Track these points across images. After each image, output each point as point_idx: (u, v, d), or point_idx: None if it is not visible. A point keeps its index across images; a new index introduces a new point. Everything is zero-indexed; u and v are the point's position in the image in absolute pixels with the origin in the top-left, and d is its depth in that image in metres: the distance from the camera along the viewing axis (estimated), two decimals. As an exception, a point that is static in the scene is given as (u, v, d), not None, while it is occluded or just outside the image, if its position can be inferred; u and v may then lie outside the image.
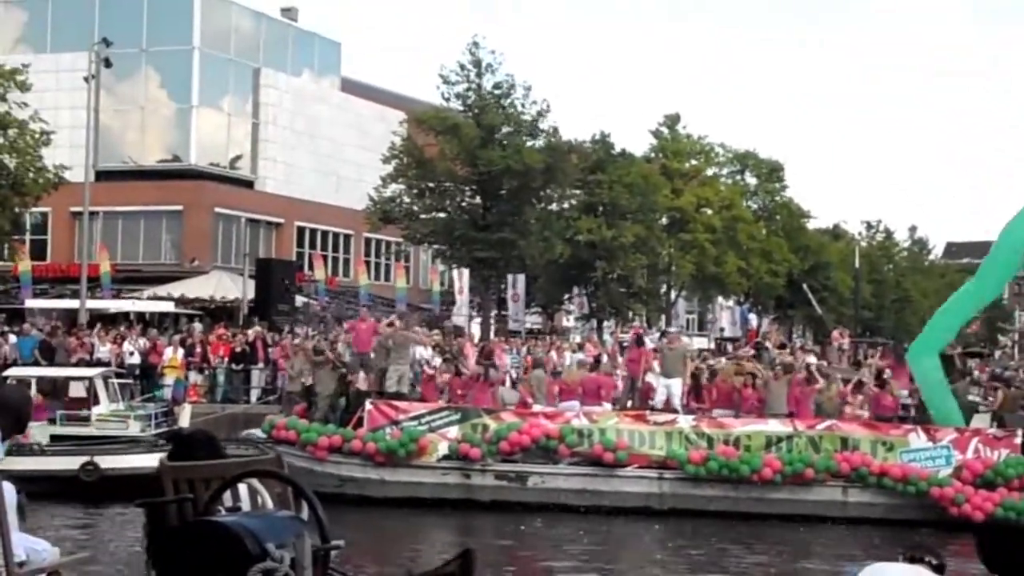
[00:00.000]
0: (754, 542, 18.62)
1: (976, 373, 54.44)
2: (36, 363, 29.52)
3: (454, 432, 21.90)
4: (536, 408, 23.21)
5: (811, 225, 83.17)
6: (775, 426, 21.65)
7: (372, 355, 25.35)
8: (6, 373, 27.33)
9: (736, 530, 19.33)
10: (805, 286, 66.25)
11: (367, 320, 26.06)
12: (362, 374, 25.01)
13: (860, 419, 22.40)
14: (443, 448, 21.60)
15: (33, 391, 24.72)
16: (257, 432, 23.22)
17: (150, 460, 23.09)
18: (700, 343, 57.58)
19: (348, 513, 18.95)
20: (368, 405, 22.64)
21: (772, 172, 76.94)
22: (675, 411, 23.29)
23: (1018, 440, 20.71)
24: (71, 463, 22.38)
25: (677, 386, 24.43)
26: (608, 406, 23.73)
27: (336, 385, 24.48)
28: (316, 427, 22.00)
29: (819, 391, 23.60)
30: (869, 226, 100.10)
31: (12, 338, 32.98)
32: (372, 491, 20.88)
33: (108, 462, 23.19)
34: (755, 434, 21.30)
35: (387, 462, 21.21)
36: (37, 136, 39.81)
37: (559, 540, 18.72)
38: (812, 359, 34.14)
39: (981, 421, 22.16)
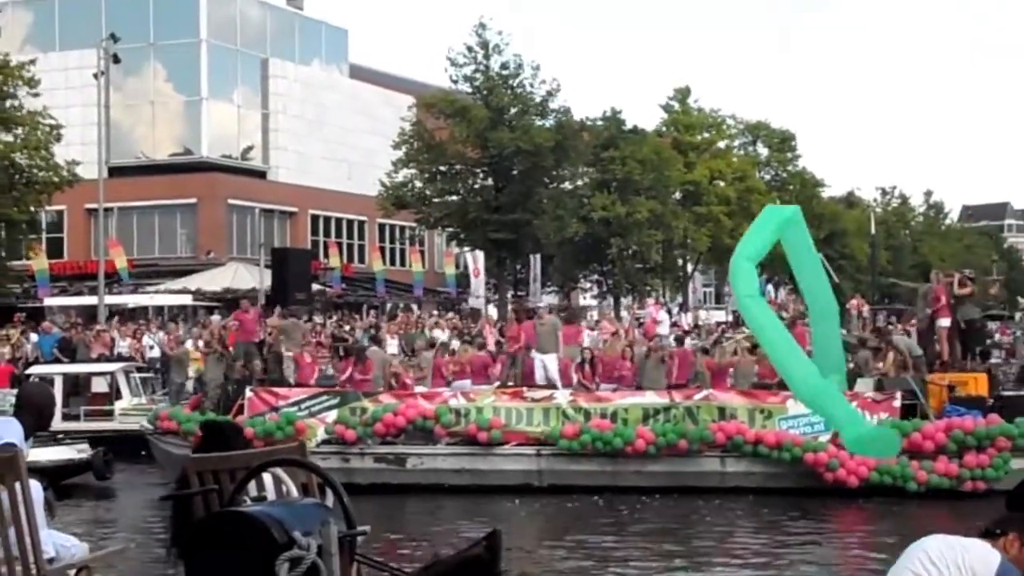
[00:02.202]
0: (638, 515, 18.40)
1: (998, 336, 54.37)
2: (58, 360, 29.70)
3: (333, 416, 21.84)
4: (421, 389, 23.11)
5: (825, 194, 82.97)
6: (652, 398, 21.49)
7: (270, 341, 25.88)
8: (28, 371, 27.52)
9: (617, 504, 19.09)
10: (820, 255, 66.13)
11: (250, 310, 26.18)
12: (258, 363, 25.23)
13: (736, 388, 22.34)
14: (322, 432, 21.56)
15: (57, 388, 24.87)
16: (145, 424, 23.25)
17: (34, 455, 23.21)
18: (718, 316, 57.56)
19: None
20: (248, 392, 22.63)
21: (784, 142, 76.76)
22: (554, 387, 23.19)
23: (897, 403, 20.39)
24: None
25: (551, 361, 24.38)
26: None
27: (221, 374, 24.61)
28: (195, 416, 21.94)
29: (691, 364, 23.74)
30: (884, 192, 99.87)
31: (33, 337, 33.14)
32: None
33: None
34: (632, 407, 21.10)
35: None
36: (48, 132, 39.93)
37: (440, 521, 18.51)
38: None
39: (866, 386, 21.84)
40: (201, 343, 32.61)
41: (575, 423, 20.70)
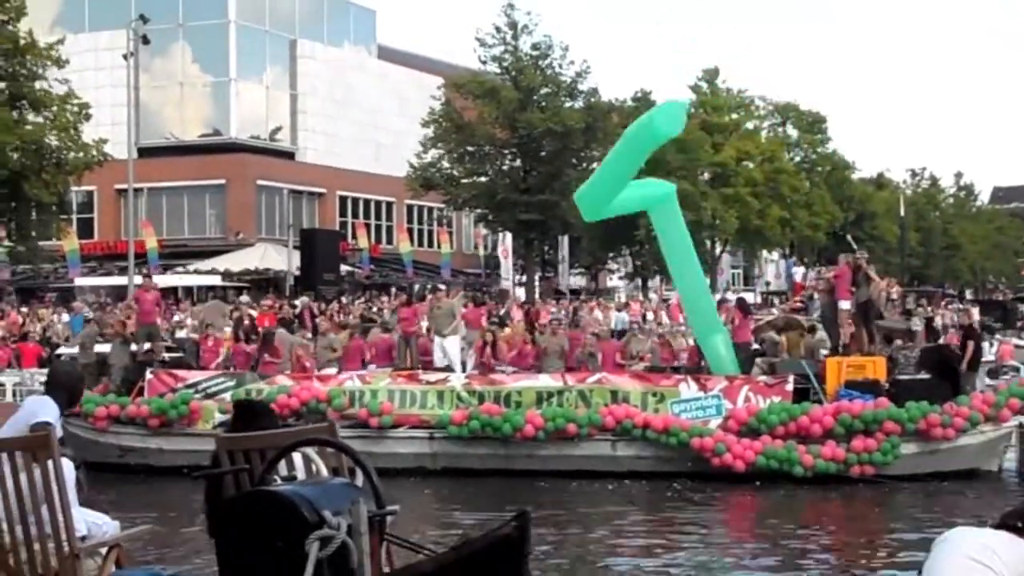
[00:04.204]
0: (525, 498, 18.07)
1: None
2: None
3: (229, 398, 21.56)
4: (328, 372, 22.81)
5: (855, 175, 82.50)
6: (546, 381, 21.21)
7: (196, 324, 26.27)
8: (59, 351, 27.68)
9: (507, 488, 18.75)
10: (849, 236, 65.77)
11: (151, 291, 26.19)
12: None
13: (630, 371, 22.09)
14: (218, 414, 21.38)
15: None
16: None
17: None
18: (747, 298, 57.39)
19: (128, 483, 18.93)
20: (148, 374, 22.52)
21: (814, 124, 76.28)
22: (450, 370, 23.04)
23: (789, 387, 20.07)
24: None
25: (449, 344, 24.32)
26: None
27: (128, 357, 24.64)
28: (95, 397, 21.76)
29: (584, 346, 23.57)
30: (914, 174, 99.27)
31: (65, 316, 33.35)
32: (153, 460, 20.64)
33: None
34: (526, 390, 20.80)
35: (162, 427, 21.10)
36: (77, 112, 40.04)
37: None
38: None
39: (760, 369, 21.63)
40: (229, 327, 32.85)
41: (466, 408, 20.48)
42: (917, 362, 21.26)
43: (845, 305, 21.55)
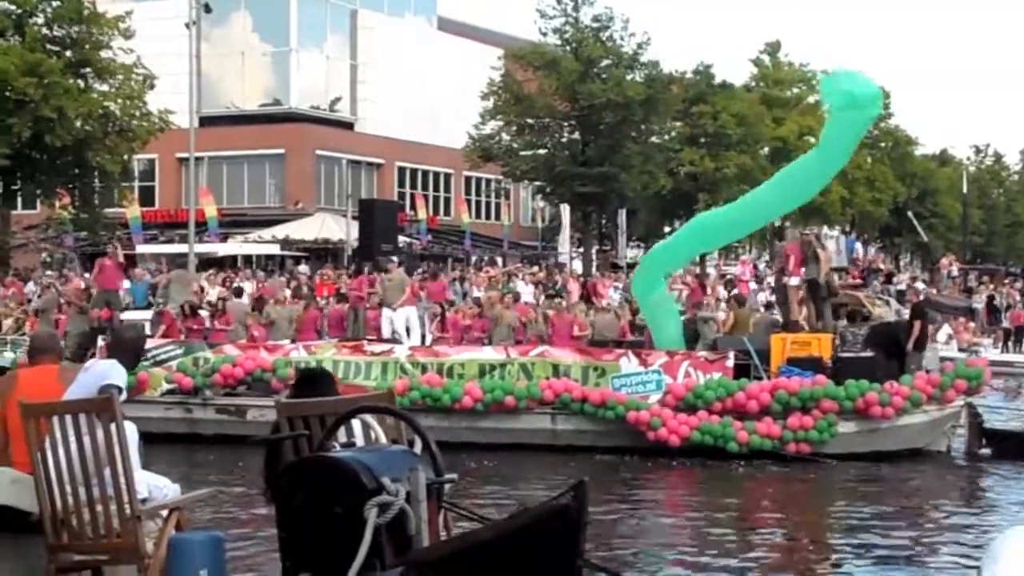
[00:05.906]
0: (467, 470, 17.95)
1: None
2: (149, 307, 30.14)
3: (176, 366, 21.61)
4: (284, 343, 22.62)
5: (918, 152, 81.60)
6: (489, 353, 21.14)
7: (159, 291, 26.69)
8: (120, 318, 28.01)
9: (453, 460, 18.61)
10: (910, 213, 65.13)
11: (114, 258, 26.21)
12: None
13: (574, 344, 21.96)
14: (166, 384, 21.24)
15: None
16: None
17: None
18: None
19: None
20: (100, 341, 22.27)
21: (876, 98, 75.48)
22: (397, 341, 23.09)
23: (730, 363, 19.75)
24: None
25: (398, 316, 24.49)
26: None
27: (85, 324, 24.63)
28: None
29: (531, 320, 23.43)
30: (978, 150, 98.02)
31: (126, 283, 33.65)
32: None
33: None
34: (469, 362, 20.72)
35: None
36: (141, 82, 40.39)
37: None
38: (920, 285, 33.73)
39: (703, 345, 21.41)
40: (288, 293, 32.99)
41: (407, 378, 20.40)
42: (864, 340, 20.95)
43: (794, 282, 21.45)
